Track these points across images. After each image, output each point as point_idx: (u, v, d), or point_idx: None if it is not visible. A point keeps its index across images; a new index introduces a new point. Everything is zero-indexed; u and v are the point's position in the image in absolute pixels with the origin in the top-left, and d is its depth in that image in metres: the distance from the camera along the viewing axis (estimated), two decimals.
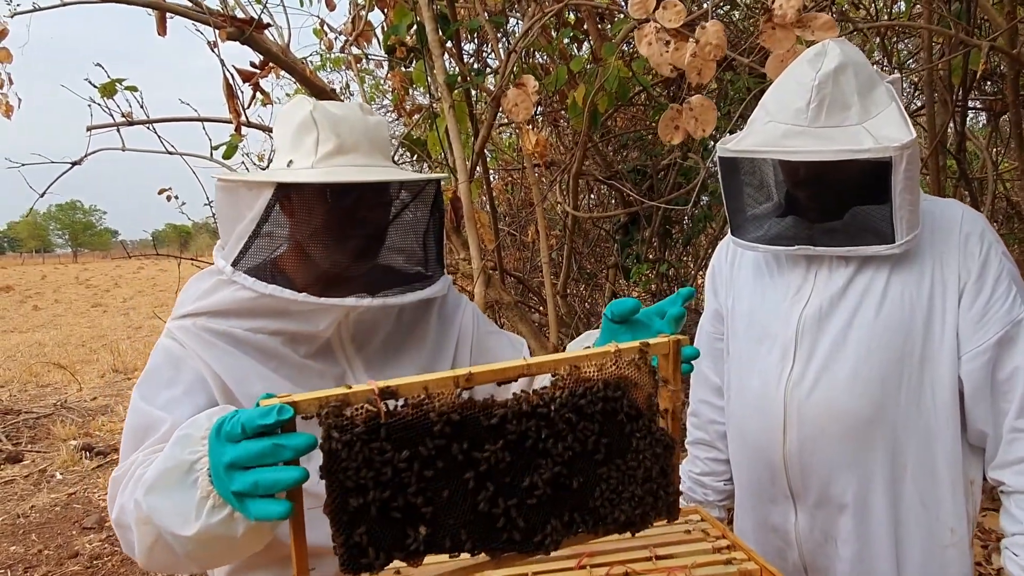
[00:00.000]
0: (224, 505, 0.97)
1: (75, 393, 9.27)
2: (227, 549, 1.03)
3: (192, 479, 0.99)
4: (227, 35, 2.34)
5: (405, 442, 0.93)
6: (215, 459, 0.92)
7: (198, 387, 1.28)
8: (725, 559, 1.25)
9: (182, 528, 0.99)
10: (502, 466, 1.00)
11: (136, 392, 1.29)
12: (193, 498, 0.98)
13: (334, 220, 1.31)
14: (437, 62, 3.10)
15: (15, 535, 5.03)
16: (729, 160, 1.57)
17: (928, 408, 1.50)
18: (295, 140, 1.33)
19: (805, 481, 1.57)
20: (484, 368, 1.02)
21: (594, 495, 1.09)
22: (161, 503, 1.01)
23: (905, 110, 1.48)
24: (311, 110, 1.32)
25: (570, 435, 1.05)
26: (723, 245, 1.80)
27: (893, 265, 1.51)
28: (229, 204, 1.33)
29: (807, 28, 1.68)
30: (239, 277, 1.29)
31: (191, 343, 1.31)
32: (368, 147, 1.34)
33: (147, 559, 1.10)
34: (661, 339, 1.12)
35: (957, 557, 1.53)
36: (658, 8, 1.75)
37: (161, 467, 1.02)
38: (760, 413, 1.61)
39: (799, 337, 1.56)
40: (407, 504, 0.95)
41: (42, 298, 25.00)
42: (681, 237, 5.38)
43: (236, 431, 0.88)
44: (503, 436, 1.00)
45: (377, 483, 0.92)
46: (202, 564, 1.09)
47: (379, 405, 0.91)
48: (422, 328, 1.49)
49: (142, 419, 1.24)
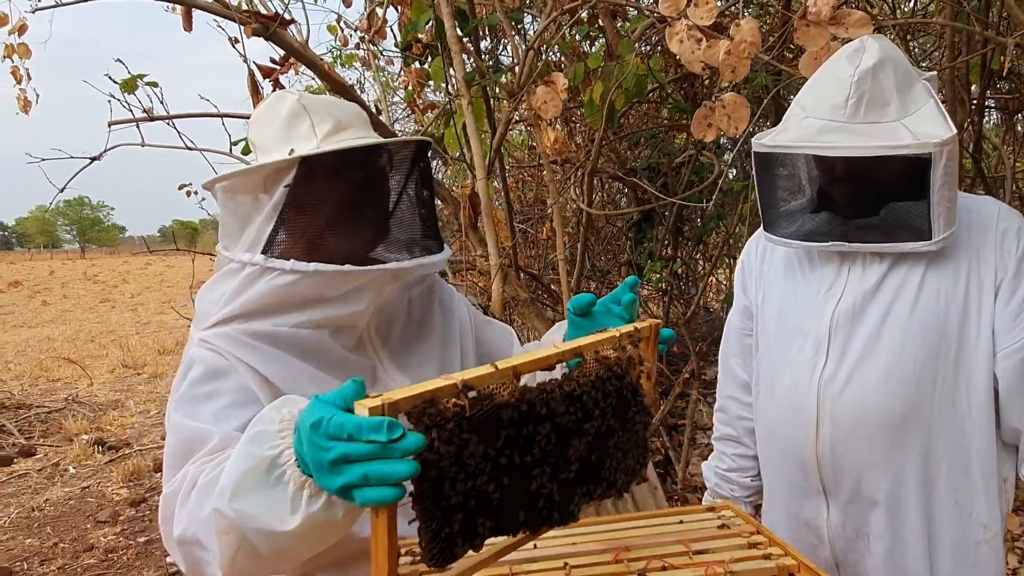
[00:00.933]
0: (320, 493, 0.95)
1: (85, 388, 9.31)
2: (327, 535, 1.02)
3: (277, 474, 0.97)
4: (252, 31, 2.35)
5: (486, 432, 0.97)
6: (315, 455, 0.90)
7: (244, 397, 1.24)
8: (763, 554, 1.25)
9: (280, 524, 0.97)
10: (549, 447, 1.05)
11: (174, 411, 1.24)
12: (286, 492, 0.96)
13: (362, 188, 1.33)
14: (456, 59, 3.10)
15: (30, 528, 5.06)
16: (764, 155, 1.57)
17: (963, 406, 1.50)
18: (287, 131, 1.32)
19: (838, 477, 1.57)
20: (529, 358, 1.07)
21: (605, 466, 1.17)
22: (249, 505, 0.98)
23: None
24: (297, 99, 1.34)
25: (597, 413, 1.13)
26: (753, 241, 1.80)
27: (928, 262, 1.50)
28: (238, 200, 1.31)
29: (841, 25, 1.67)
30: (275, 263, 1.25)
31: (233, 350, 1.27)
32: (360, 122, 1.37)
33: (227, 571, 1.06)
34: (646, 323, 1.25)
35: (990, 554, 1.53)
36: (689, 5, 1.75)
37: (241, 469, 0.99)
38: (792, 409, 1.60)
39: (832, 334, 1.56)
40: (482, 492, 0.98)
41: (50, 293, 25.11)
42: (693, 236, 5.38)
43: (341, 433, 0.87)
44: (551, 419, 1.05)
45: (464, 475, 0.95)
46: (290, 560, 1.07)
47: (464, 400, 0.93)
48: (429, 320, 1.51)
49: (186, 435, 1.20)
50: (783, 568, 1.20)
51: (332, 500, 0.95)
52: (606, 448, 1.16)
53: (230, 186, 1.32)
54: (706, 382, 5.05)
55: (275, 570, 1.10)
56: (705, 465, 1.94)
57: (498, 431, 0.98)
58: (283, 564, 1.09)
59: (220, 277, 1.35)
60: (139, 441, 6.99)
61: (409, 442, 0.86)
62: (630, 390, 1.19)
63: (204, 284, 1.39)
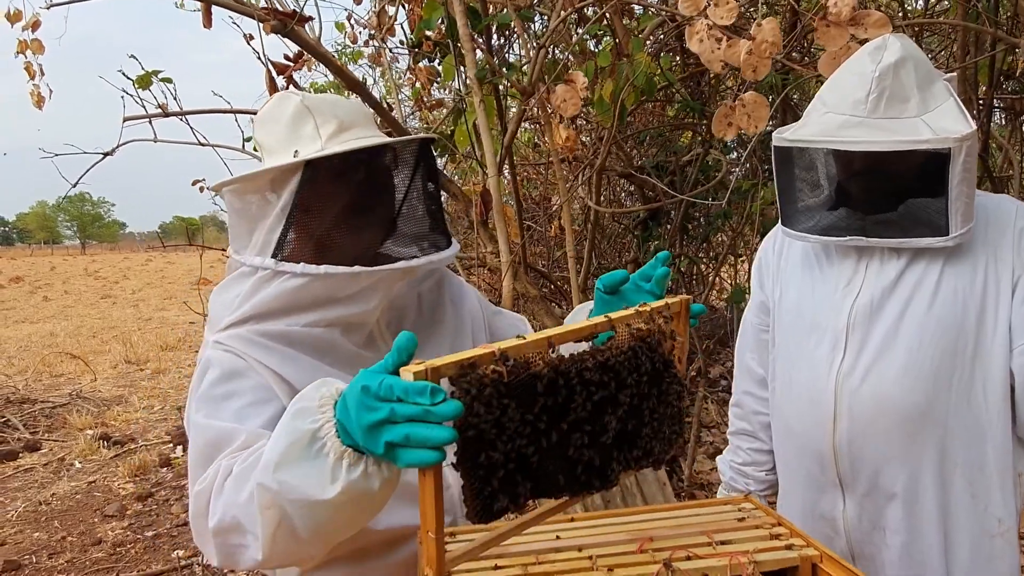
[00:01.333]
0: (359, 461, 1.00)
1: (89, 383, 9.33)
2: (364, 508, 1.05)
3: (319, 446, 1.01)
4: (271, 28, 2.37)
5: (523, 398, 1.02)
6: (364, 417, 0.95)
7: (263, 395, 1.27)
8: (785, 544, 1.27)
9: (321, 493, 1.00)
10: (585, 415, 1.10)
11: (195, 413, 1.26)
12: (327, 462, 1.00)
13: (368, 188, 1.34)
14: (468, 56, 3.12)
15: (37, 521, 5.08)
16: (784, 150, 1.59)
17: (979, 402, 1.52)
18: (291, 132, 1.34)
19: (855, 471, 1.58)
20: (564, 329, 1.13)
21: (642, 434, 1.22)
22: (292, 476, 1.02)
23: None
24: (300, 100, 1.35)
25: (631, 382, 1.17)
26: (770, 237, 1.82)
27: (946, 258, 1.52)
28: (246, 202, 1.33)
29: (860, 25, 1.69)
30: (286, 266, 1.27)
31: (249, 351, 1.29)
32: (364, 121, 1.39)
33: (268, 550, 1.09)
34: (678, 298, 1.28)
35: (1005, 548, 1.55)
36: (710, 5, 1.77)
37: (284, 443, 1.03)
38: (810, 404, 1.62)
39: (850, 329, 1.58)
40: (521, 455, 1.03)
41: (51, 289, 25.13)
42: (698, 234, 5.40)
43: (391, 395, 0.92)
44: (587, 387, 1.10)
45: (503, 437, 1.00)
46: (325, 539, 1.09)
47: (502, 366, 0.99)
48: (440, 314, 1.53)
49: (212, 435, 1.22)
50: (806, 558, 1.22)
51: (369, 470, 1.00)
52: (641, 417, 1.21)
53: (237, 189, 1.34)
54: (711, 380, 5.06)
55: (310, 554, 1.13)
56: (720, 459, 1.96)
57: (535, 397, 1.03)
58: (318, 545, 1.11)
59: (232, 280, 1.37)
60: (144, 436, 7.01)
61: (449, 407, 0.91)
62: (662, 362, 1.23)
63: (216, 286, 1.41)
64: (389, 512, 1.26)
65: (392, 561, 1.39)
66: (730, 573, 1.16)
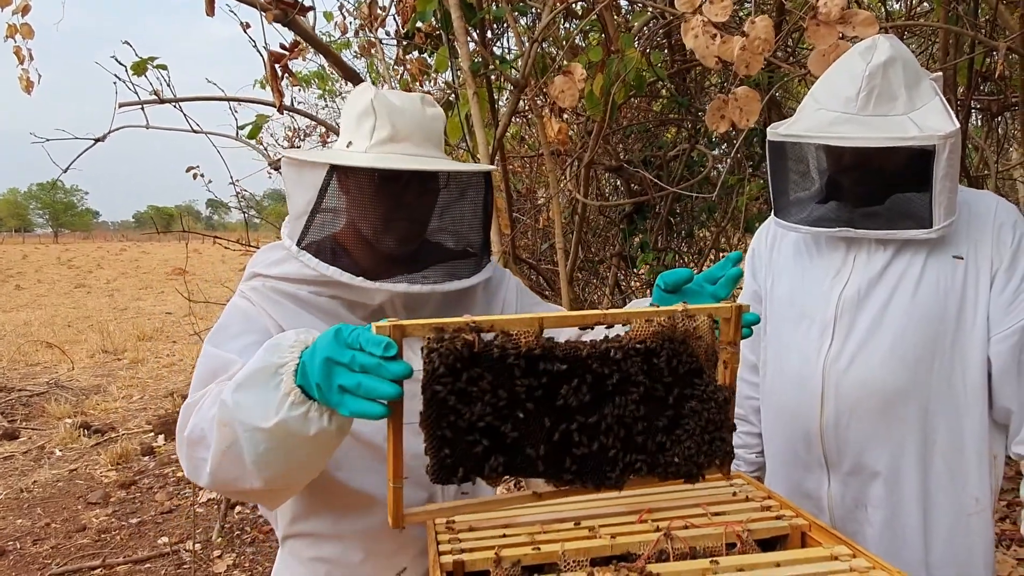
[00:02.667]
0: (303, 403, 1.08)
1: (67, 372, 9.23)
2: (295, 448, 1.12)
3: (277, 380, 1.09)
4: (273, 16, 2.39)
5: (495, 372, 1.04)
6: (326, 353, 1.02)
7: (265, 339, 1.35)
8: (775, 515, 1.34)
9: (262, 420, 1.09)
10: (575, 404, 1.10)
11: (207, 343, 1.38)
12: (276, 395, 1.09)
13: (382, 204, 1.40)
14: (462, 49, 3.15)
15: (20, 508, 5.05)
16: (777, 144, 1.65)
17: (958, 386, 1.60)
18: (357, 124, 1.43)
19: (840, 451, 1.66)
20: (564, 314, 1.17)
21: (655, 440, 1.18)
22: (246, 398, 1.11)
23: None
24: (372, 98, 1.41)
25: (639, 381, 1.14)
26: (763, 228, 1.89)
27: (930, 250, 1.60)
28: (294, 181, 1.42)
29: (848, 24, 1.76)
30: (303, 257, 1.39)
31: (260, 301, 1.43)
32: (420, 137, 1.43)
33: (215, 467, 1.17)
34: (725, 304, 1.23)
35: (980, 525, 1.64)
36: (705, 2, 1.83)
37: (251, 368, 1.13)
38: (799, 387, 1.70)
39: (838, 316, 1.65)
40: (491, 428, 1.06)
41: (24, 278, 24.71)
42: (684, 228, 5.49)
43: (355, 343, 1.01)
44: (580, 375, 1.10)
45: (467, 407, 1.03)
46: (266, 471, 1.15)
47: (473, 336, 1.02)
48: (468, 301, 1.57)
49: (213, 362, 1.33)
50: (796, 527, 1.29)
51: (311, 414, 1.08)
52: (657, 421, 1.17)
53: (291, 164, 1.42)
54: None
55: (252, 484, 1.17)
56: None
57: (511, 374, 1.05)
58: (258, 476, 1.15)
59: (279, 244, 1.48)
60: (124, 426, 6.97)
61: (399, 366, 0.99)
62: (689, 368, 1.17)
63: (269, 244, 1.54)
64: (364, 473, 1.37)
65: (368, 524, 1.44)
66: (725, 541, 1.23)
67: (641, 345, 1.15)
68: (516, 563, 1.16)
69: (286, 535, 1.52)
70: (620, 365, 1.13)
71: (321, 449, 1.14)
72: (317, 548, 1.48)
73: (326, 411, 1.08)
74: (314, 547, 1.49)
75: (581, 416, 1.12)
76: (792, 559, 1.16)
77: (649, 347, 1.15)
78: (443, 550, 1.20)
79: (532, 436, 1.09)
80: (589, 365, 1.11)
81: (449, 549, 1.20)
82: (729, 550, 1.23)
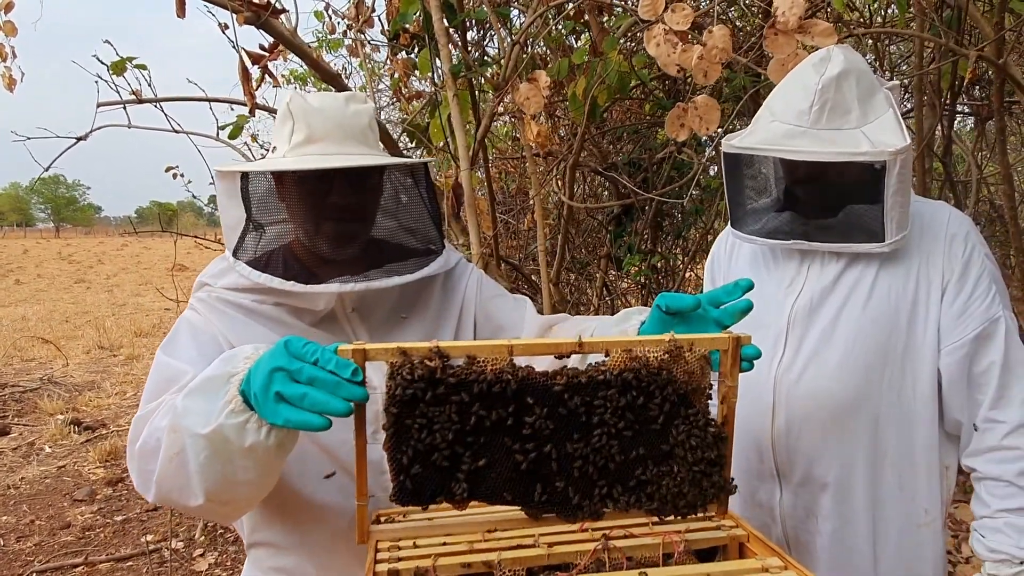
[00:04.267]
0: (243, 412, 1.08)
1: (61, 368, 9.26)
2: (231, 458, 1.11)
3: (224, 389, 1.11)
4: (244, 19, 2.40)
5: (459, 398, 1.05)
6: (272, 363, 1.03)
7: (213, 349, 1.39)
8: (715, 525, 1.34)
9: (203, 426, 1.10)
10: (546, 432, 1.09)
11: (160, 352, 1.39)
12: (218, 403, 1.10)
13: (305, 206, 1.40)
14: (443, 51, 3.16)
15: (6, 505, 5.07)
16: (733, 156, 1.66)
17: (908, 397, 1.60)
18: (279, 129, 1.44)
19: (791, 461, 1.67)
20: (534, 341, 1.16)
21: (635, 473, 1.14)
22: (193, 404, 1.12)
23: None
24: (288, 102, 1.42)
25: (615, 413, 1.10)
26: (723, 236, 1.90)
27: (882, 263, 1.60)
28: (221, 191, 1.43)
29: (807, 34, 1.77)
30: (239, 267, 1.40)
31: (206, 312, 1.44)
32: (340, 136, 1.41)
33: (161, 475, 1.17)
34: (722, 335, 1.16)
35: (930, 536, 1.64)
36: (667, 10, 1.83)
37: (204, 376, 1.15)
38: (750, 398, 1.69)
39: (790, 327, 1.66)
40: (455, 453, 1.06)
41: (24, 272, 24.76)
42: (672, 230, 5.49)
43: (308, 357, 1.02)
44: (549, 404, 1.09)
45: (429, 430, 1.04)
46: (206, 482, 1.14)
47: (435, 362, 1.03)
48: (425, 297, 1.57)
49: (166, 372, 1.34)
50: (734, 538, 1.30)
51: (248, 425, 1.08)
52: (636, 454, 1.13)
53: (217, 175, 1.43)
54: None
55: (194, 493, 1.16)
56: None
57: (475, 401, 1.05)
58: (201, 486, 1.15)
59: (225, 256, 1.48)
60: (115, 423, 6.99)
61: (356, 391, 1.00)
62: (676, 400, 1.12)
63: (218, 256, 1.57)
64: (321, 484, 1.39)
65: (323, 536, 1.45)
66: (663, 551, 1.23)
67: (617, 377, 1.10)
68: (452, 572, 1.17)
69: (250, 543, 1.52)
70: (592, 397, 1.09)
71: (259, 464, 1.13)
72: (276, 558, 1.49)
73: (266, 424, 1.08)
74: (274, 557, 1.49)
75: (549, 446, 1.09)
76: (722, 570, 1.17)
77: (627, 379, 1.10)
78: (380, 558, 1.20)
79: (497, 463, 1.09)
80: (559, 395, 1.08)
81: (387, 557, 1.21)
82: (666, 560, 1.24)
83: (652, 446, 1.14)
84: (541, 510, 1.14)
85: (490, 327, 1.62)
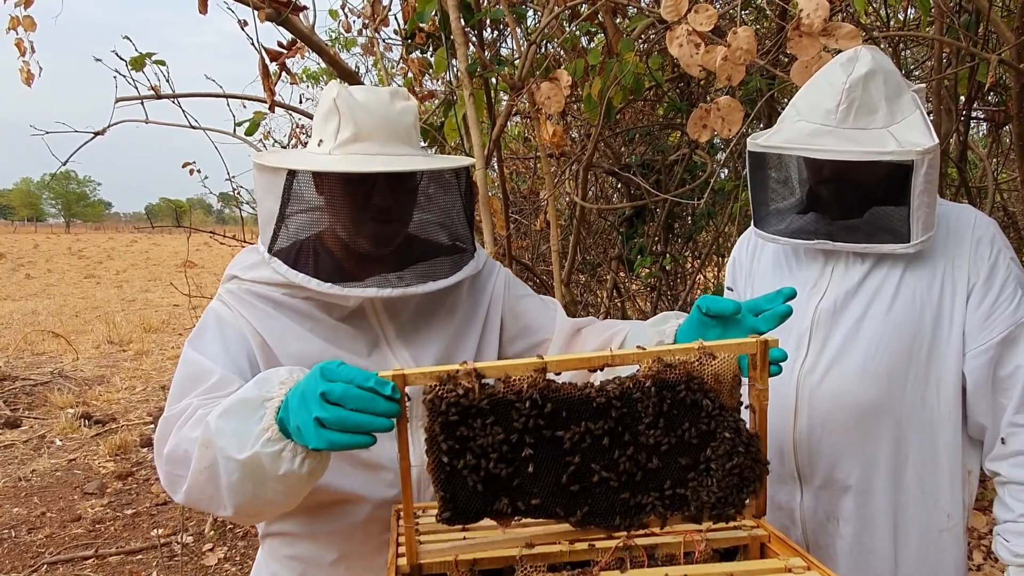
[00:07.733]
0: (279, 441, 1.10)
1: (71, 362, 9.30)
2: (263, 482, 1.13)
3: (260, 414, 1.12)
4: (265, 15, 2.40)
5: (496, 417, 1.07)
6: (313, 385, 1.04)
7: (239, 344, 1.40)
8: (736, 525, 1.34)
9: (238, 451, 1.11)
10: (585, 446, 1.10)
11: (188, 345, 1.40)
12: (255, 429, 1.11)
13: (349, 206, 1.39)
14: (460, 50, 3.16)
15: (17, 497, 5.09)
16: (757, 155, 1.65)
17: (932, 401, 1.59)
18: (323, 124, 1.42)
19: (812, 464, 1.66)
20: (567, 357, 1.13)
21: (672, 481, 1.15)
22: (227, 425, 1.13)
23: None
24: (334, 96, 1.39)
25: (650, 423, 1.12)
26: (744, 237, 1.89)
27: (907, 264, 1.59)
28: (260, 186, 1.42)
29: (831, 36, 1.76)
30: (274, 263, 1.40)
31: (236, 304, 1.43)
32: (385, 135, 1.39)
33: (192, 485, 1.20)
34: (749, 339, 1.16)
35: (952, 541, 1.63)
36: (690, 11, 1.83)
37: (238, 397, 1.16)
38: (772, 399, 1.68)
39: (813, 329, 1.65)
40: (497, 472, 1.08)
41: (34, 267, 24.91)
42: (683, 233, 5.48)
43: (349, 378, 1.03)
44: (586, 418, 1.10)
45: (470, 450, 1.06)
46: (237, 499, 1.17)
47: (474, 383, 1.04)
48: (453, 297, 1.56)
49: (193, 368, 1.34)
50: (755, 538, 1.29)
51: (284, 453, 1.10)
52: (671, 463, 1.14)
53: (257, 168, 1.42)
54: None
55: (223, 504, 1.19)
56: None
57: (511, 420, 1.07)
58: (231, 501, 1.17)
59: (256, 247, 1.48)
60: (125, 417, 7.02)
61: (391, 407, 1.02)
62: (709, 408, 1.13)
63: (248, 247, 1.56)
64: (340, 474, 1.38)
65: (342, 524, 1.45)
66: (684, 549, 1.23)
67: (650, 388, 1.11)
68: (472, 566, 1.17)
69: (264, 533, 1.54)
70: (627, 409, 1.11)
71: (290, 489, 1.16)
72: (293, 547, 1.50)
73: (300, 453, 1.10)
74: (290, 546, 1.50)
75: (588, 458, 1.11)
76: (745, 570, 1.16)
77: (659, 389, 1.11)
78: (403, 552, 1.20)
79: (539, 479, 1.10)
80: (596, 409, 1.10)
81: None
82: (687, 559, 1.24)
83: (687, 454, 1.15)
84: (585, 522, 1.15)
85: (517, 326, 1.62)
